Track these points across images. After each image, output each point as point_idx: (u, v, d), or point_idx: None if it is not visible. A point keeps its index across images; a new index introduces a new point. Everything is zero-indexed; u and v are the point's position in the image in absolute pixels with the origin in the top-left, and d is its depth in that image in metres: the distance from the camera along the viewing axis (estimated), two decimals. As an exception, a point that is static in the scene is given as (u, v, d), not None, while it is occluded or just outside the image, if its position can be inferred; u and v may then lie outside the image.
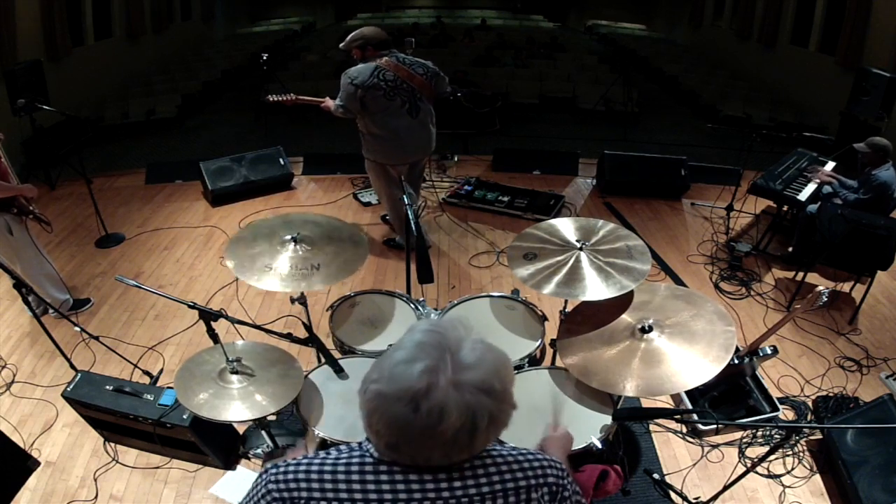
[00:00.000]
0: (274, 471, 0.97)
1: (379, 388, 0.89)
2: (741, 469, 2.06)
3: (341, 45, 3.63)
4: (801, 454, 2.62)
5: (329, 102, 3.70)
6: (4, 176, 2.97)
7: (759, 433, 2.68)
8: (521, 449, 1.05)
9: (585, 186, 5.44)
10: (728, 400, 2.80)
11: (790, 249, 4.12)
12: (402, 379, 0.87)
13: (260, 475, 0.99)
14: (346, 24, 16.98)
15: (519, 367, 2.18)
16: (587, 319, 2.15)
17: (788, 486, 2.47)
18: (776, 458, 2.56)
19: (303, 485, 0.94)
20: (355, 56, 3.58)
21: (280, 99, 3.83)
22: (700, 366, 1.86)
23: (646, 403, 2.81)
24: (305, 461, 0.97)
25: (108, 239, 4.39)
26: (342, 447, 1.00)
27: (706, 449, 2.65)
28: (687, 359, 1.89)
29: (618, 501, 2.37)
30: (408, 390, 0.86)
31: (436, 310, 2.55)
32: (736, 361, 2.61)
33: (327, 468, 0.95)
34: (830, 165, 4.46)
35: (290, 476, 0.95)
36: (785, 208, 4.35)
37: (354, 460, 0.95)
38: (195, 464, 2.53)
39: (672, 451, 2.66)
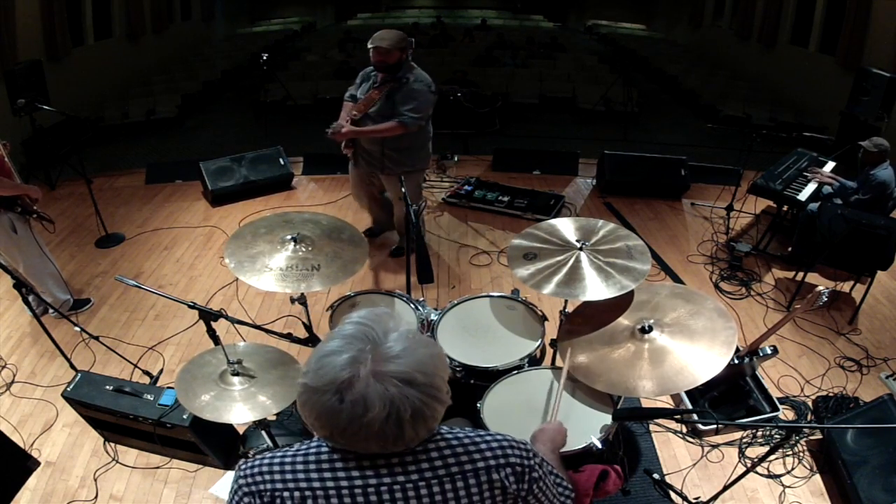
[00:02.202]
0: (244, 466, 1.01)
1: (306, 381, 0.91)
2: (741, 469, 2.06)
3: (385, 44, 3.12)
4: (801, 454, 2.62)
5: (386, 127, 3.24)
6: (9, 176, 2.98)
7: (759, 433, 2.68)
8: (481, 431, 1.05)
9: (585, 186, 5.44)
10: (728, 400, 2.80)
11: (789, 250, 4.12)
12: (327, 371, 0.89)
13: (237, 468, 1.03)
14: (345, 24, 16.98)
15: (519, 367, 2.18)
16: (588, 320, 2.15)
17: (788, 486, 2.47)
18: (776, 458, 2.56)
19: (267, 477, 0.97)
20: (394, 59, 3.15)
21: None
22: (707, 359, 1.86)
23: (646, 403, 2.81)
24: (269, 455, 1.01)
25: (108, 239, 4.39)
26: (305, 441, 1.03)
27: (706, 449, 2.65)
28: (694, 353, 1.89)
29: (618, 501, 2.37)
30: (332, 382, 0.88)
31: (436, 310, 2.55)
32: (736, 361, 2.61)
33: (287, 461, 0.99)
34: (830, 165, 4.46)
35: (256, 470, 0.99)
36: (785, 208, 4.35)
37: (312, 451, 0.99)
38: (195, 464, 2.54)
39: (672, 451, 2.66)
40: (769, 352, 2.60)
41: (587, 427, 1.89)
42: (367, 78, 3.50)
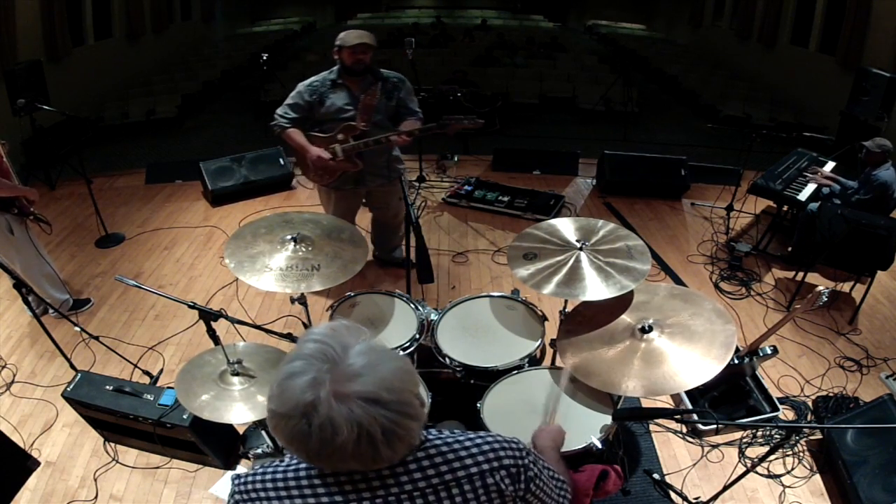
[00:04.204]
0: (238, 480, 1.01)
1: (272, 407, 0.88)
2: (741, 469, 2.06)
3: (372, 41, 3.02)
4: (801, 454, 2.62)
5: (420, 125, 3.09)
6: (7, 177, 2.98)
7: (759, 433, 2.68)
8: (470, 434, 1.03)
9: (585, 186, 5.44)
10: (728, 400, 2.80)
11: (789, 250, 4.12)
12: (290, 395, 0.85)
13: (231, 483, 1.02)
14: (345, 24, 16.97)
15: (519, 367, 2.18)
16: (587, 320, 2.15)
17: (788, 486, 2.47)
18: (776, 458, 2.56)
19: (262, 493, 0.98)
20: (370, 59, 3.05)
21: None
22: (701, 365, 1.86)
23: (646, 403, 2.81)
24: (262, 470, 1.01)
25: (108, 239, 4.39)
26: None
27: (706, 449, 2.65)
28: (688, 358, 1.89)
29: (618, 501, 2.37)
30: (296, 406, 0.84)
31: (436, 310, 2.55)
32: (736, 361, 2.61)
33: (279, 475, 0.98)
34: (830, 165, 4.46)
35: (250, 486, 0.99)
36: (785, 208, 4.35)
37: (302, 465, 0.98)
38: (195, 464, 2.54)
39: (672, 451, 2.66)
40: (769, 352, 2.60)
41: (587, 427, 1.89)
42: (324, 91, 3.09)
